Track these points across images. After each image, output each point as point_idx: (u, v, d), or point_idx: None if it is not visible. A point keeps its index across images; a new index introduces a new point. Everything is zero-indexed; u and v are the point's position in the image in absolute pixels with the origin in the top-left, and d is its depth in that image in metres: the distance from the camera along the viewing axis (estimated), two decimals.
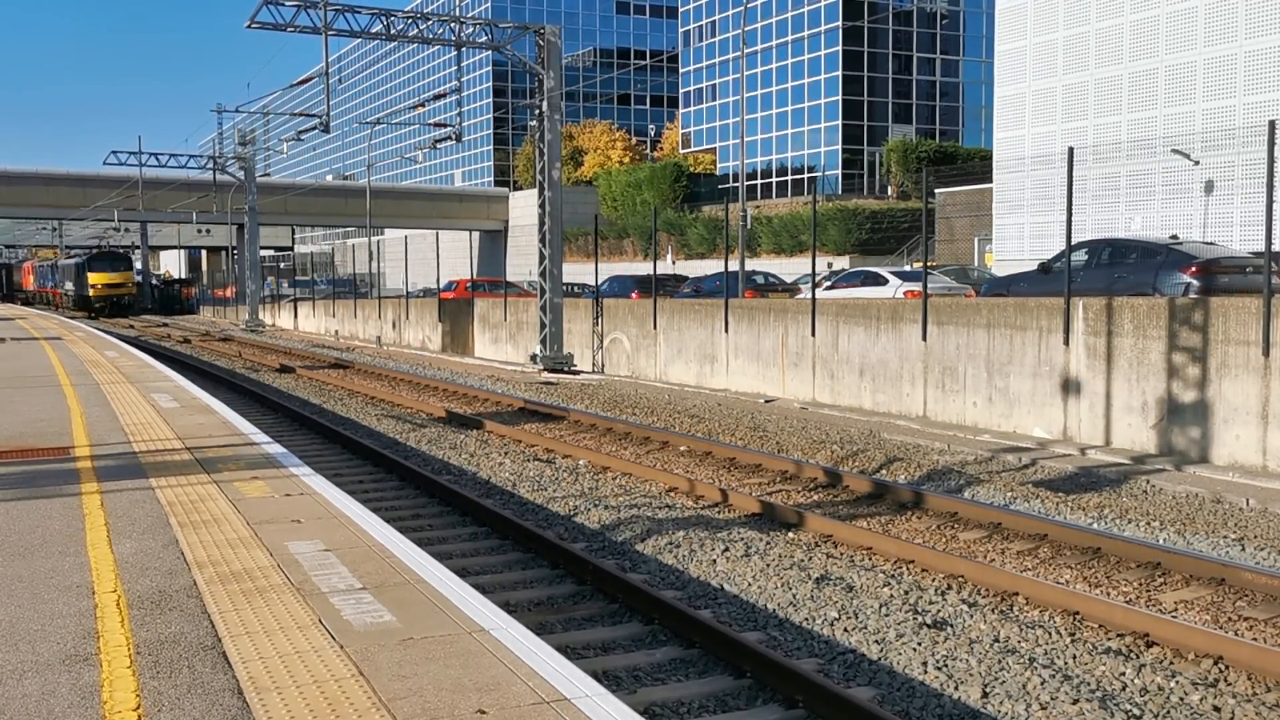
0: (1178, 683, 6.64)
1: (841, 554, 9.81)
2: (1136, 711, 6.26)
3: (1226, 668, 6.92)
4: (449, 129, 32.21)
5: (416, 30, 26.95)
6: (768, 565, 9.32)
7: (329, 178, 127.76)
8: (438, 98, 38.85)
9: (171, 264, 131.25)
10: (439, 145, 33.93)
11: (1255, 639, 7.48)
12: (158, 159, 58.95)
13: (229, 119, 58.27)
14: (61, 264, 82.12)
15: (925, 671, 6.93)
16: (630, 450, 15.67)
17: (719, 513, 11.50)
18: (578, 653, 7.24)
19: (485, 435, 17.15)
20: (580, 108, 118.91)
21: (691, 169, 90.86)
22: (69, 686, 4.34)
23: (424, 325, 40.17)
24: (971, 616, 7.96)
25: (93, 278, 68.70)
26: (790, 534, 10.52)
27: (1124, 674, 6.81)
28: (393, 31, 26.12)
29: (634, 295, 30.68)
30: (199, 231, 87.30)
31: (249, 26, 24.21)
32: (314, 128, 28.26)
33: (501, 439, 16.74)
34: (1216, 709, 6.31)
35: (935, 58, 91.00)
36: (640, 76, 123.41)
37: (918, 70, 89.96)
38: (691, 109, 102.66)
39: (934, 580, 8.93)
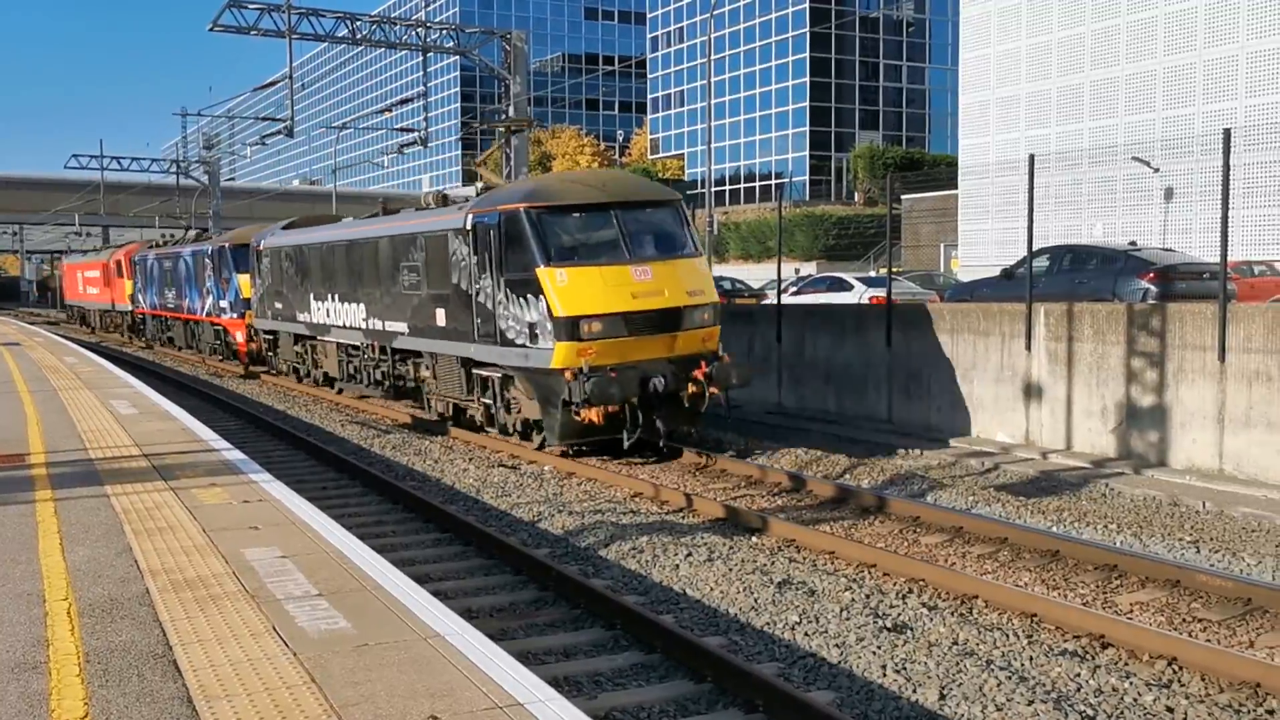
0: (1132, 684, 6.71)
1: (804, 558, 9.84)
2: (1091, 712, 6.32)
3: (1180, 669, 7.00)
4: (415, 134, 32.13)
5: (382, 35, 26.85)
6: (730, 570, 9.33)
7: (295, 182, 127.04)
8: (404, 102, 38.73)
9: None
10: (405, 150, 33.83)
11: (1209, 640, 7.57)
12: (120, 163, 58.36)
13: (193, 123, 57.87)
14: (319, 240, 21.59)
15: (884, 674, 6.96)
16: (594, 455, 15.63)
17: (683, 518, 11.51)
18: (539, 658, 7.22)
19: (450, 441, 17.07)
20: (549, 113, 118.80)
21: (660, 174, 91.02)
22: (17, 694, 4.29)
23: None
24: (931, 620, 8.00)
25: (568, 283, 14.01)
26: (753, 539, 10.54)
27: (1079, 675, 6.87)
28: (358, 36, 26.02)
29: None
30: (162, 235, 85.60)
31: (211, 29, 24.04)
32: (278, 132, 28.11)
33: (466, 445, 16.67)
34: (1170, 709, 6.38)
35: (901, 65, 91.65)
36: (609, 82, 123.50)
37: (884, 77, 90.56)
38: (660, 115, 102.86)
39: (895, 584, 8.98)
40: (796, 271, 41.22)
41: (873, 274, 35.94)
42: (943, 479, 13.73)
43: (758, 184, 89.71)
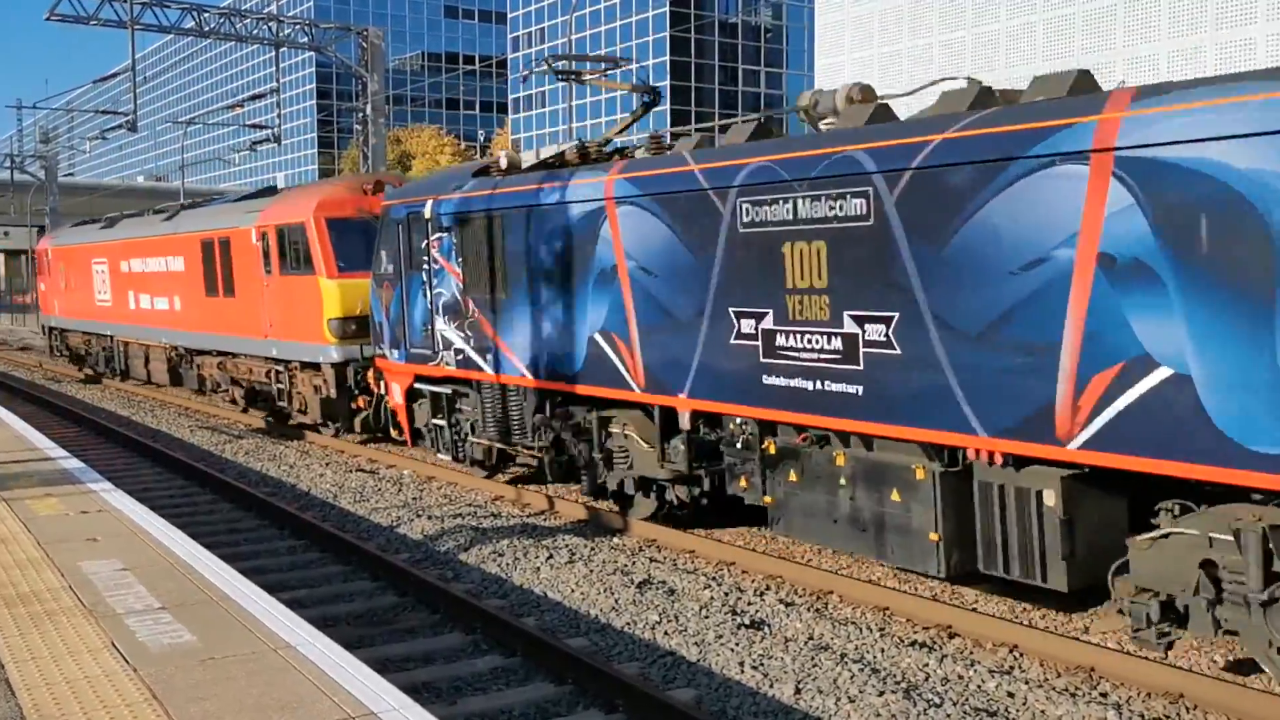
0: (976, 671, 6.98)
1: (665, 558, 9.92)
2: (938, 700, 6.54)
3: (1021, 655, 7.30)
4: (268, 130, 31.22)
5: (231, 28, 26.02)
6: (591, 571, 9.35)
7: (140, 179, 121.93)
8: (255, 98, 37.58)
9: None
10: (257, 147, 32.84)
11: (1048, 628, 7.92)
12: None
13: (29, 115, 55.01)
14: None
15: (742, 671, 7.07)
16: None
17: (545, 520, 11.48)
18: (398, 665, 7.11)
19: (306, 446, 16.67)
20: (408, 111, 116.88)
21: None
22: None
23: None
24: (788, 616, 8.17)
25: None
26: (615, 539, 10.58)
27: (928, 665, 7.11)
28: (205, 29, 25.15)
29: None
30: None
31: (48, 19, 22.90)
32: (120, 126, 26.95)
33: (324, 449, 16.30)
34: (1011, 694, 6.66)
35: (760, 70, 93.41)
36: (470, 82, 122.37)
37: (743, 82, 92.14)
38: (521, 115, 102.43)
39: (754, 581, 9.13)
40: None
41: None
42: None
43: None
